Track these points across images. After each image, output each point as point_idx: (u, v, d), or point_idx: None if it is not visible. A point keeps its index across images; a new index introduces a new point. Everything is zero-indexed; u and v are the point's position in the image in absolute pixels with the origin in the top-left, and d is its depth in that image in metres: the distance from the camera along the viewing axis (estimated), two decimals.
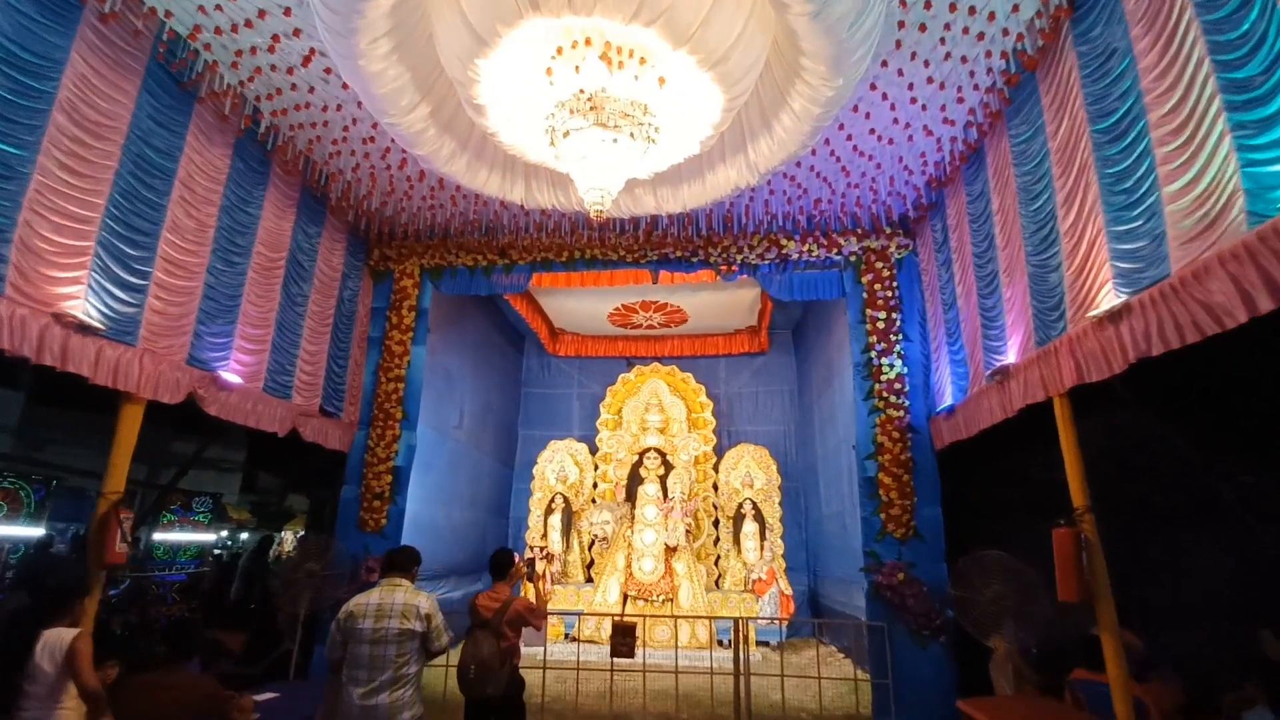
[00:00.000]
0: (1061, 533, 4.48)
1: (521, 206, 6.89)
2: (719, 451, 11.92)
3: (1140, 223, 3.91)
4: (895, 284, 7.24)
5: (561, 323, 12.35)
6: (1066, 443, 4.65)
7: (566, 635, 9.94)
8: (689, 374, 12.38)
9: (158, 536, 11.61)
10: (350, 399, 7.48)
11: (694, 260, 7.57)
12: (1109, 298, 4.05)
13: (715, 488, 11.69)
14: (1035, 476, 6.55)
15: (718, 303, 11.02)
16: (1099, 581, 4.34)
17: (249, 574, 10.45)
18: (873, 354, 7.08)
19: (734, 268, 7.57)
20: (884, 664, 6.43)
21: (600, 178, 4.51)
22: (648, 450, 11.21)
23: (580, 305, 11.20)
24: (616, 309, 11.24)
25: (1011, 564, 5.65)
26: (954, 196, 6.31)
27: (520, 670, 5.53)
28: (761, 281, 7.63)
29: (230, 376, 5.68)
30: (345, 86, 5.04)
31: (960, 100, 5.25)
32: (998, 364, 5.35)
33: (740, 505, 11.19)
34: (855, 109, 5.27)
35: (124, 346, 4.78)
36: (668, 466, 11.10)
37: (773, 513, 11.44)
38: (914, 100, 5.20)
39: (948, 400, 6.51)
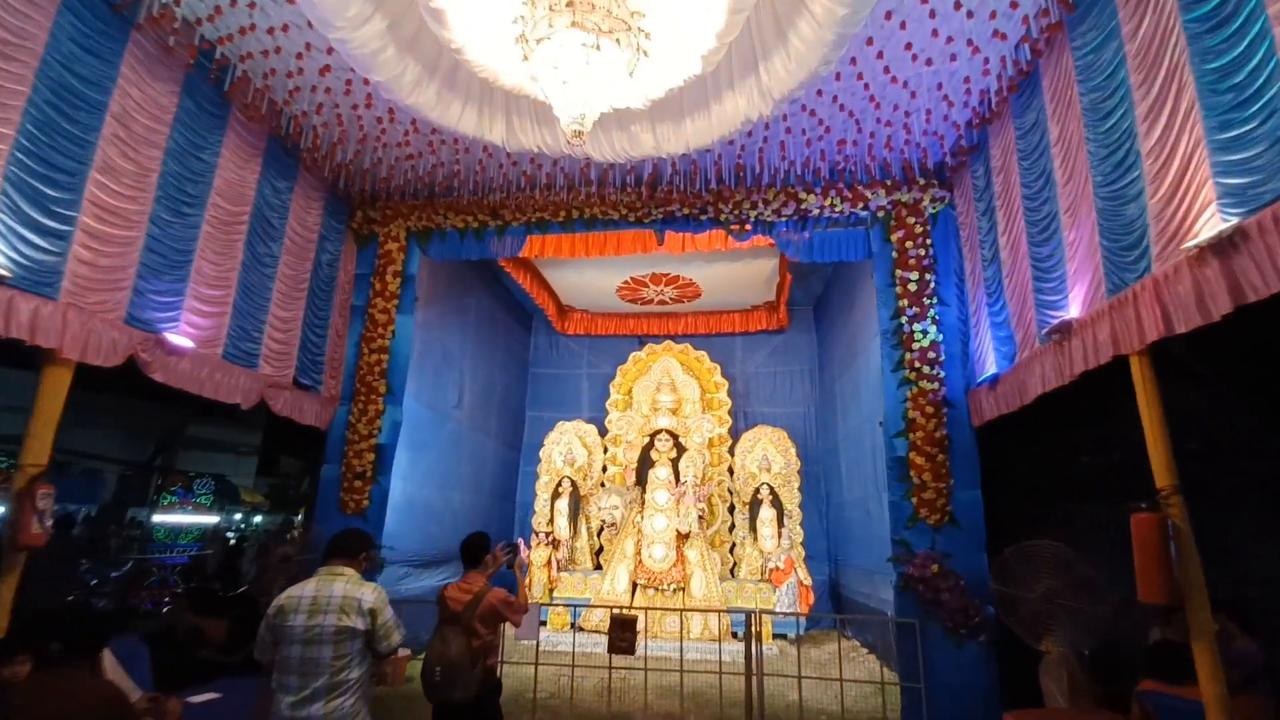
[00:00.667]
0: (1144, 519, 3.60)
1: (509, 157, 6.14)
2: (734, 434, 11.11)
3: (1256, 124, 3.00)
4: (929, 241, 6.33)
5: (569, 299, 11.59)
6: (1148, 410, 3.75)
7: (573, 624, 9.25)
8: (703, 352, 11.56)
9: (157, 519, 11.15)
10: (330, 372, 6.79)
11: (702, 218, 6.72)
12: (1212, 223, 3.15)
13: (730, 471, 10.88)
14: (1091, 455, 5.65)
15: (733, 275, 10.16)
16: (1191, 579, 3.45)
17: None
18: (903, 320, 6.19)
19: (747, 226, 6.70)
20: (915, 665, 5.59)
21: (579, 94, 3.71)
22: (659, 432, 10.42)
23: (587, 278, 10.42)
24: (626, 282, 10.44)
25: (1066, 556, 4.77)
26: (1000, 134, 5.38)
27: (499, 670, 4.82)
28: (778, 242, 6.76)
29: (179, 340, 4.99)
30: (291, 1, 4.29)
31: (1014, 5, 4.32)
32: (1055, 321, 4.45)
33: (757, 490, 10.36)
34: (888, 16, 4.36)
35: (41, 299, 4.09)
36: (680, 449, 10.30)
37: (791, 498, 10.61)
38: (959, 6, 4.28)
39: (990, 369, 5.60)
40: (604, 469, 11.20)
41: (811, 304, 11.81)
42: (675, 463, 10.12)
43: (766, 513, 10.15)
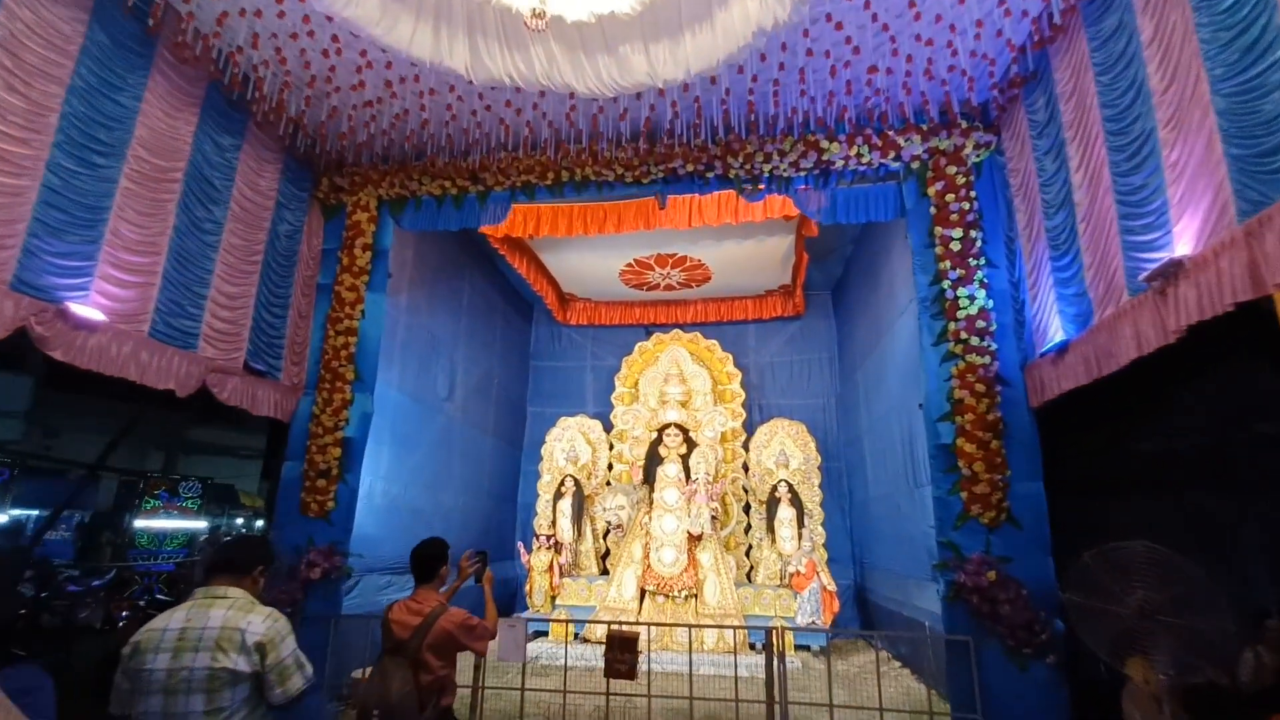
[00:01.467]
0: None
1: (482, 99, 5.23)
2: (749, 427, 10.12)
3: None
4: (973, 194, 5.33)
5: (570, 286, 10.66)
6: None
7: (577, 636, 8.31)
8: (714, 341, 10.59)
9: (140, 524, 10.37)
10: (292, 357, 5.92)
11: (709, 176, 5.77)
12: None
13: (745, 468, 9.89)
14: (1179, 438, 4.63)
15: (745, 255, 9.19)
16: None
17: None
18: (945, 284, 5.19)
19: (760, 185, 5.75)
20: (969, 690, 4.57)
21: None
22: (668, 426, 9.43)
23: (588, 261, 9.49)
24: (629, 265, 9.50)
25: (1166, 560, 3.76)
26: (1067, 51, 4.38)
27: (476, 706, 3.93)
28: (796, 201, 5.79)
29: (88, 312, 4.12)
30: None
31: None
32: (1154, 265, 3.46)
33: (774, 487, 9.34)
34: None
35: None
36: (690, 444, 9.31)
37: (812, 496, 9.60)
38: None
39: (1056, 337, 4.60)
40: (609, 467, 10.26)
41: (830, 287, 10.81)
42: (685, 459, 9.13)
43: (785, 512, 9.14)
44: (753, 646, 7.99)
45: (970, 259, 5.17)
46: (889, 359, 7.50)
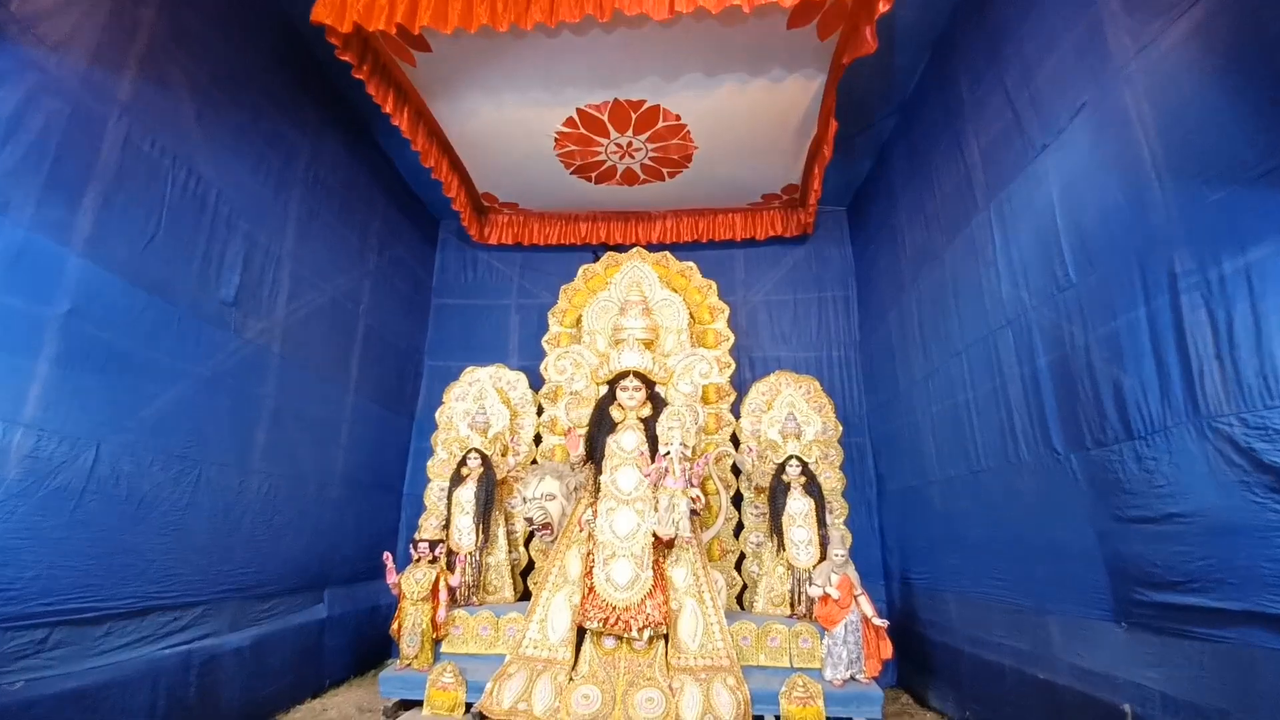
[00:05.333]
0: None
1: None
2: (738, 385, 6.49)
3: None
4: None
5: (485, 176, 6.72)
6: None
7: (468, 709, 4.42)
8: (691, 263, 6.93)
9: None
10: None
11: None
12: None
13: (735, 441, 6.26)
14: None
15: (746, 113, 5.51)
16: None
17: None
18: None
19: None
20: None
21: None
22: (624, 376, 5.57)
23: (506, 115, 5.61)
24: (570, 124, 5.70)
25: None
26: None
27: None
28: None
29: None
30: None
31: None
32: None
33: (781, 468, 5.64)
34: None
35: None
36: (657, 404, 5.51)
37: (834, 481, 6.05)
38: None
39: None
40: (536, 439, 6.41)
41: (847, 201, 7.35)
42: (649, 424, 5.31)
43: (798, 504, 5.47)
44: None
45: None
46: (1001, 243, 3.99)
